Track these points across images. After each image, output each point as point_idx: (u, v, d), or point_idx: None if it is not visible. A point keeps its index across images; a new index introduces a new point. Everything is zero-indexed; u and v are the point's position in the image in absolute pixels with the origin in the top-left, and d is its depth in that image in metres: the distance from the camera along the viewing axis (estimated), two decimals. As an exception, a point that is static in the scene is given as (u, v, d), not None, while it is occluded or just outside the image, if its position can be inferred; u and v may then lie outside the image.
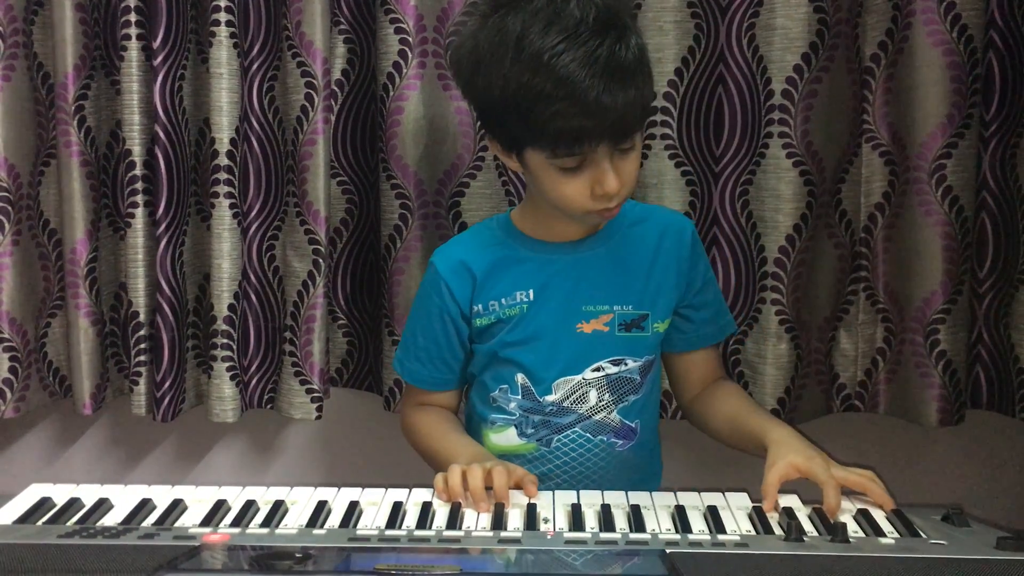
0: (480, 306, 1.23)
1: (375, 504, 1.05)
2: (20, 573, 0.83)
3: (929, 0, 1.39)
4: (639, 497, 1.05)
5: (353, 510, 1.02)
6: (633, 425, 1.24)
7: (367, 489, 1.08)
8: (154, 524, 0.99)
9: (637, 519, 0.99)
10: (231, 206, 1.48)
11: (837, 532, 0.92)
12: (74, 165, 1.49)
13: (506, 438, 1.25)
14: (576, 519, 1.01)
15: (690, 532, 0.96)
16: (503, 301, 1.22)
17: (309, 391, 1.53)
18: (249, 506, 1.04)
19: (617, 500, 1.04)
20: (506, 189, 1.49)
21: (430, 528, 0.98)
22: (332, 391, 1.60)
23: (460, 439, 1.23)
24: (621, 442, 1.24)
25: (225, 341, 1.51)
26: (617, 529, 0.97)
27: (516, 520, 1.01)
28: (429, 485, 1.08)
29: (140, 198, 1.48)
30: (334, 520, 1.01)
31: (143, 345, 1.51)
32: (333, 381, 1.60)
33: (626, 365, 1.22)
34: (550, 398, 1.22)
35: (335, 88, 1.51)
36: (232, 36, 1.45)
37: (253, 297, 1.54)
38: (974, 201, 1.44)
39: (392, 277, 1.50)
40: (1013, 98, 1.42)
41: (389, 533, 0.94)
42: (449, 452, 1.19)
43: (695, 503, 1.04)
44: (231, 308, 1.50)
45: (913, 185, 1.44)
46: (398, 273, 1.50)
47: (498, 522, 0.99)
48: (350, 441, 1.68)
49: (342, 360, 1.60)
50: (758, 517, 1.01)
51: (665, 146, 1.47)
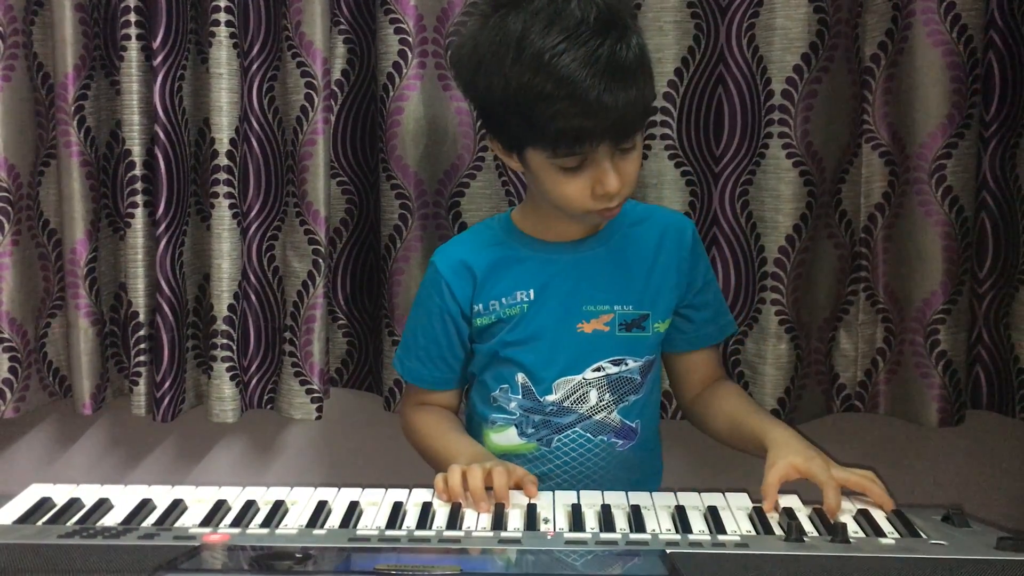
0: (480, 305, 1.23)
1: (375, 504, 1.05)
2: (20, 573, 0.83)
3: (929, 0, 1.39)
4: (639, 497, 1.05)
5: (353, 510, 1.02)
6: (633, 425, 1.24)
7: (367, 489, 1.08)
8: (154, 524, 0.99)
9: (637, 519, 0.99)
10: (231, 206, 1.48)
11: (837, 532, 0.92)
12: (74, 165, 1.49)
13: (506, 438, 1.25)
14: (576, 519, 1.01)
15: (690, 532, 0.96)
16: (503, 301, 1.22)
17: (309, 391, 1.53)
18: (249, 506, 1.04)
19: (617, 500, 1.04)
20: (506, 189, 1.49)
21: (430, 528, 0.98)
22: (332, 391, 1.60)
23: (460, 439, 1.23)
24: (621, 442, 1.24)
25: (225, 341, 1.51)
26: (617, 529, 0.97)
27: (516, 520, 1.01)
28: (429, 485, 1.08)
29: (140, 198, 1.48)
30: (334, 520, 1.01)
31: (143, 345, 1.51)
32: (333, 381, 1.60)
33: (626, 365, 1.22)
34: (550, 398, 1.22)
35: (335, 88, 1.51)
36: (232, 36, 1.45)
37: (253, 297, 1.54)
38: (974, 201, 1.44)
39: (392, 277, 1.50)
40: (1013, 98, 1.42)
41: (389, 533, 0.94)
42: (449, 452, 1.19)
43: (695, 503, 1.04)
44: (231, 308, 1.50)
45: (913, 185, 1.44)
46: (398, 273, 1.50)
47: (498, 522, 0.99)
48: (350, 441, 1.68)
49: (342, 360, 1.60)
50: (758, 517, 1.01)
51: (665, 146, 1.47)
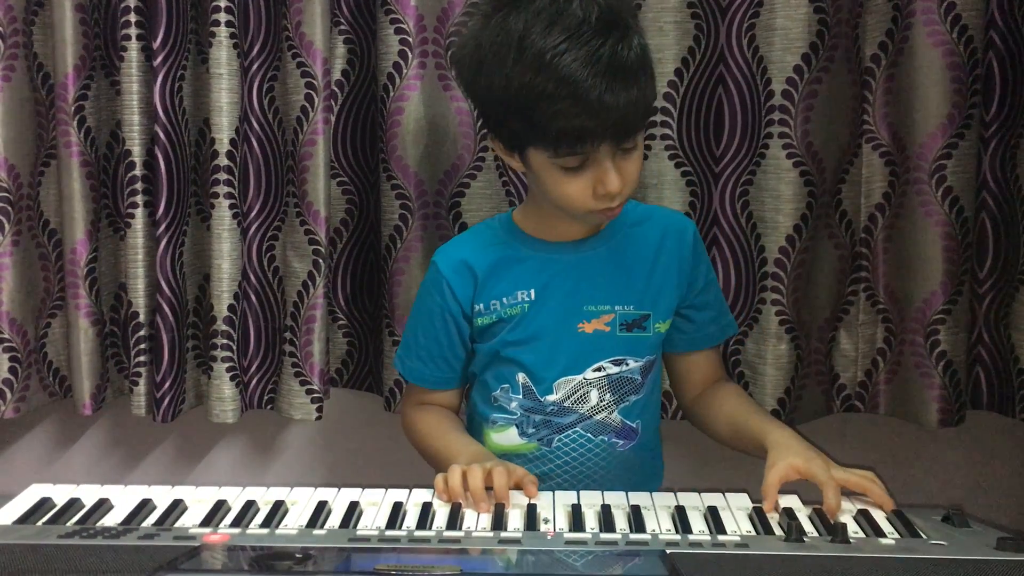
0: (481, 305, 1.23)
1: (375, 504, 1.05)
2: (20, 573, 0.83)
3: (929, 0, 1.39)
4: (639, 497, 1.05)
5: (353, 510, 1.02)
6: (634, 425, 1.24)
7: (367, 489, 1.08)
8: (154, 524, 0.99)
9: (637, 519, 0.99)
10: (231, 206, 1.48)
11: (837, 532, 0.92)
12: (74, 165, 1.49)
13: (507, 438, 1.25)
14: (576, 519, 1.01)
15: (690, 532, 0.96)
16: (504, 300, 1.22)
17: (309, 391, 1.53)
18: (249, 506, 1.04)
19: (617, 500, 1.04)
20: (506, 189, 1.49)
21: (430, 528, 0.98)
22: (332, 391, 1.60)
23: (460, 439, 1.23)
24: (622, 442, 1.24)
25: (225, 342, 1.51)
26: (617, 530, 0.97)
27: (516, 520, 1.01)
28: (429, 485, 1.08)
29: (140, 198, 1.48)
30: (334, 520, 1.01)
31: (143, 345, 1.51)
32: (333, 381, 1.60)
33: (627, 365, 1.22)
34: (551, 398, 1.22)
35: (335, 88, 1.51)
36: (232, 36, 1.45)
37: (253, 297, 1.54)
38: (974, 201, 1.44)
39: (392, 277, 1.50)
40: (1013, 98, 1.42)
41: (389, 533, 0.94)
42: (449, 452, 1.19)
43: (695, 503, 1.04)
44: (231, 308, 1.50)
45: (913, 186, 1.44)
46: (398, 273, 1.50)
47: (498, 522, 0.99)
48: (350, 442, 1.68)
49: (342, 360, 1.60)
50: (758, 518, 1.01)
51: (665, 146, 1.47)
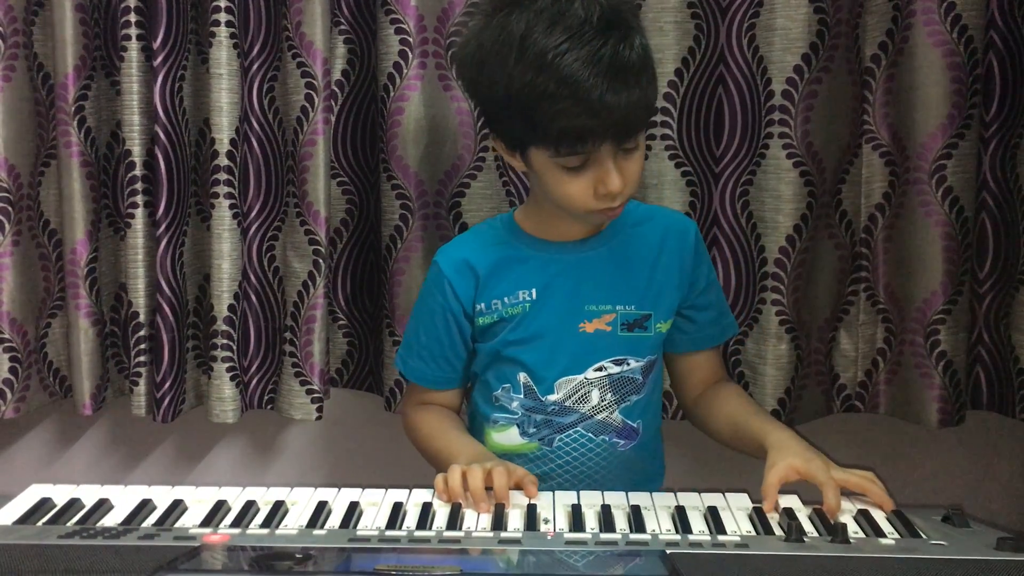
0: (483, 305, 1.23)
1: (375, 505, 1.05)
2: (20, 573, 0.83)
3: (929, 0, 1.39)
4: (639, 498, 1.05)
5: (353, 511, 1.02)
6: (635, 425, 1.24)
7: (367, 490, 1.08)
8: (154, 524, 0.99)
9: (637, 520, 0.99)
10: (231, 206, 1.48)
11: (837, 533, 0.93)
12: (74, 165, 1.49)
13: (508, 437, 1.25)
14: (576, 520, 1.01)
15: (690, 533, 0.96)
16: (506, 300, 1.22)
17: (309, 392, 1.53)
18: (249, 507, 1.04)
19: (617, 501, 1.04)
20: (507, 190, 1.49)
21: (430, 529, 0.98)
22: (332, 392, 1.60)
23: (461, 438, 1.23)
24: (623, 442, 1.24)
25: (225, 342, 1.51)
26: (617, 530, 0.97)
27: (516, 521, 1.01)
28: (429, 485, 1.08)
29: (140, 198, 1.48)
30: (334, 521, 1.01)
31: (143, 345, 1.51)
32: (333, 382, 1.60)
33: (628, 365, 1.22)
34: (552, 397, 1.22)
35: (335, 88, 1.51)
36: (232, 36, 1.45)
37: (253, 297, 1.54)
38: (974, 201, 1.44)
39: (393, 278, 1.50)
40: (1013, 98, 1.42)
41: (389, 534, 0.94)
42: (450, 452, 1.19)
43: (695, 504, 1.04)
44: (231, 308, 1.50)
45: (913, 186, 1.44)
46: (399, 274, 1.50)
47: (498, 523, 0.99)
48: (350, 442, 1.68)
49: (342, 360, 1.60)
50: (758, 518, 1.01)
51: (665, 146, 1.47)
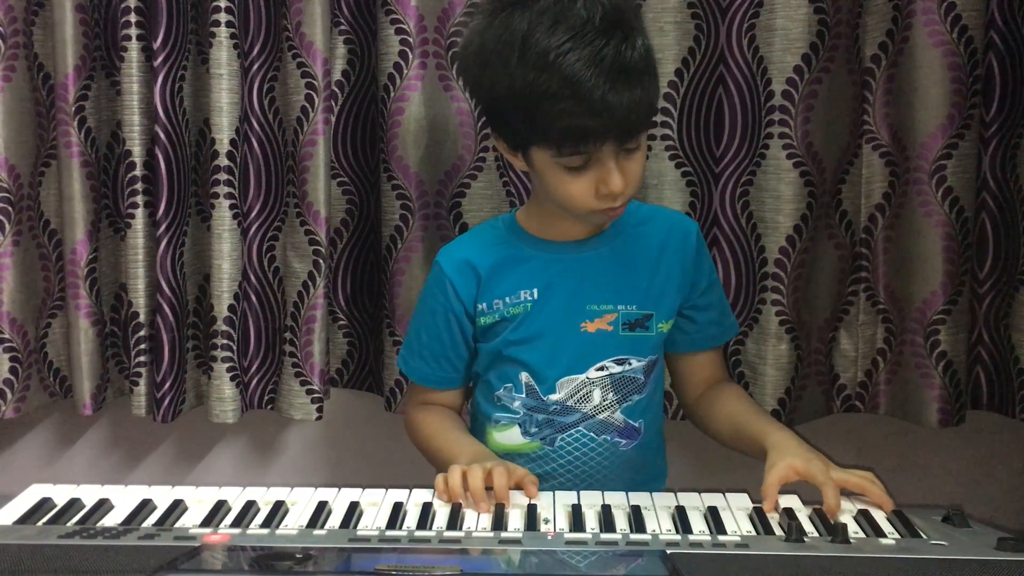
0: (484, 305, 1.23)
1: (375, 505, 1.05)
2: (20, 573, 0.82)
3: (929, 1, 1.39)
4: (639, 498, 1.05)
5: (353, 511, 1.02)
6: (637, 425, 1.24)
7: (367, 490, 1.08)
8: (154, 525, 0.99)
9: (637, 520, 0.99)
10: (231, 206, 1.48)
11: (837, 533, 0.92)
12: (74, 165, 1.49)
13: (510, 437, 1.25)
14: (576, 520, 1.01)
15: (691, 533, 0.96)
16: (507, 300, 1.22)
17: (309, 392, 1.53)
18: (249, 507, 1.04)
19: (617, 501, 1.04)
20: (507, 190, 1.49)
21: (430, 529, 0.98)
22: (332, 392, 1.60)
23: (462, 438, 1.23)
24: (625, 442, 1.24)
25: (225, 342, 1.51)
26: (618, 530, 0.97)
27: (516, 521, 1.01)
28: (430, 485, 1.08)
29: (140, 199, 1.48)
30: (334, 521, 1.01)
31: (143, 345, 1.51)
32: (333, 382, 1.60)
33: (630, 365, 1.22)
34: (554, 397, 1.22)
35: (335, 89, 1.51)
36: (232, 37, 1.45)
37: (253, 297, 1.54)
38: (974, 202, 1.44)
39: (393, 278, 1.50)
40: (1013, 98, 1.42)
41: (390, 534, 0.94)
42: (451, 451, 1.19)
43: (695, 504, 1.04)
44: (231, 308, 1.50)
45: (913, 186, 1.44)
46: (399, 274, 1.50)
47: (499, 523, 0.99)
48: (350, 442, 1.68)
49: (342, 361, 1.60)
50: (759, 518, 1.01)
51: (665, 147, 1.47)
